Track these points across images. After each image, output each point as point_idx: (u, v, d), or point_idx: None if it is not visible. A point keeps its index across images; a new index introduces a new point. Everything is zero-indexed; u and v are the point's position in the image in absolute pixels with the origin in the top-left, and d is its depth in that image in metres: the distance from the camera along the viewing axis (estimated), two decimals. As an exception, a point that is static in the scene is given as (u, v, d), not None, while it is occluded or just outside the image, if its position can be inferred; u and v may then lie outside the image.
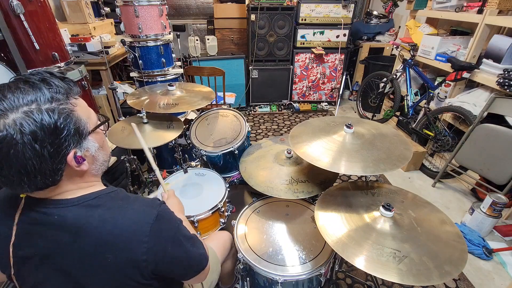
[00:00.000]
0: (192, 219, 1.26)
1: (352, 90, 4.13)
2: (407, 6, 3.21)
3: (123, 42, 2.16)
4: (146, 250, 0.63)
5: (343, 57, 3.56)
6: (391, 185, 1.17)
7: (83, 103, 0.64)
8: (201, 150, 1.57)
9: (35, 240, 0.62)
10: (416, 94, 2.85)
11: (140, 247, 0.63)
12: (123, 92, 2.71)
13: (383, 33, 3.77)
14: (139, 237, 0.63)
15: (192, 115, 2.53)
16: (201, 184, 1.48)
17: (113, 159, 1.91)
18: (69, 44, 2.29)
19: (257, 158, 1.45)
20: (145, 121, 1.58)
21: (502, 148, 1.85)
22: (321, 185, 1.23)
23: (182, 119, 2.28)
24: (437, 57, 2.55)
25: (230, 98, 3.10)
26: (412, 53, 2.74)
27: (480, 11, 2.19)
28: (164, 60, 2.34)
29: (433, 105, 2.63)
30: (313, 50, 3.44)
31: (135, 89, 2.36)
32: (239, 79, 3.55)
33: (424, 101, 2.58)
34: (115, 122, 1.77)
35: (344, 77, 3.61)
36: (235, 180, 1.72)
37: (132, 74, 2.41)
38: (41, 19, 1.65)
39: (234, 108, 1.93)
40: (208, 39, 3.32)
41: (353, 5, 3.28)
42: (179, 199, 1.05)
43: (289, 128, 3.36)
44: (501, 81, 1.94)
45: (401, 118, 2.90)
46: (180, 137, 1.65)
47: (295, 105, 3.79)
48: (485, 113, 1.98)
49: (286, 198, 1.18)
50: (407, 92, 2.78)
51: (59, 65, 1.79)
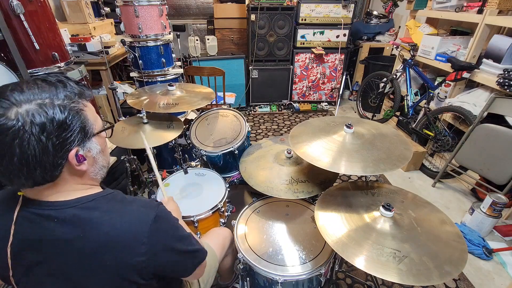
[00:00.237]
0: (192, 219, 1.26)
1: (352, 90, 4.13)
2: (407, 6, 3.21)
3: (123, 42, 2.16)
4: (145, 251, 0.63)
5: (343, 57, 3.55)
6: (391, 185, 1.17)
7: (92, 108, 0.67)
8: (201, 150, 1.57)
9: (33, 242, 0.62)
10: (416, 94, 2.84)
11: (139, 248, 0.63)
12: (123, 92, 2.71)
13: (383, 33, 3.77)
14: (138, 238, 0.63)
15: (192, 115, 2.53)
16: (201, 184, 1.48)
17: (113, 159, 1.90)
18: (69, 44, 2.29)
19: (257, 158, 1.45)
20: (145, 121, 1.58)
21: (502, 148, 1.85)
22: (321, 185, 1.23)
23: (182, 119, 2.28)
24: (437, 57, 2.55)
25: (230, 98, 3.10)
26: (412, 53, 2.74)
27: (480, 11, 2.19)
28: (164, 60, 2.34)
29: (433, 105, 2.63)
30: (313, 50, 3.44)
31: (135, 89, 2.36)
32: (239, 79, 3.55)
33: (424, 101, 2.58)
34: (115, 122, 1.77)
35: (344, 77, 3.61)
36: (235, 180, 1.72)
37: (132, 74, 2.41)
38: (41, 19, 1.65)
39: (234, 108, 1.93)
40: (208, 39, 3.32)
41: (353, 5, 3.28)
42: (177, 205, 1.07)
43: (289, 128, 3.36)
44: (501, 81, 1.94)
45: (401, 118, 2.90)
46: (180, 137, 1.65)
47: (295, 105, 3.79)
48: (485, 113, 1.98)
49: (286, 198, 1.18)
50: (407, 92, 2.78)
51: (59, 65, 1.78)
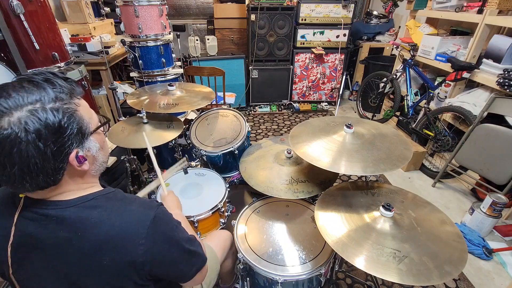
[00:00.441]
0: (192, 219, 1.26)
1: (352, 90, 4.13)
2: (407, 6, 3.21)
3: (123, 42, 2.16)
4: (143, 252, 0.63)
5: (343, 57, 3.55)
6: (391, 185, 1.17)
7: (85, 103, 0.65)
8: (201, 150, 1.57)
9: (33, 241, 0.62)
10: (416, 94, 2.84)
11: (137, 248, 0.63)
12: (123, 92, 2.71)
13: (383, 33, 3.77)
14: (136, 238, 0.63)
15: (192, 115, 2.53)
16: (201, 184, 1.48)
17: (113, 159, 1.90)
18: (69, 44, 2.29)
19: (257, 158, 1.45)
20: (145, 121, 1.58)
21: (502, 148, 1.85)
22: (321, 185, 1.23)
23: (182, 119, 2.28)
24: (437, 57, 2.55)
25: (230, 98, 3.10)
26: (412, 53, 2.74)
27: (480, 11, 2.19)
28: (164, 60, 2.34)
29: (433, 105, 2.63)
30: (313, 50, 3.44)
31: (135, 89, 2.36)
32: (239, 79, 3.55)
33: (424, 101, 2.58)
34: (115, 122, 1.77)
35: (344, 77, 3.61)
36: (235, 180, 1.72)
37: (132, 74, 2.41)
38: (41, 19, 1.65)
39: (234, 108, 1.93)
40: (208, 39, 3.32)
41: (353, 5, 3.28)
42: (177, 198, 1.07)
43: (289, 128, 3.36)
44: (501, 81, 1.94)
45: (401, 118, 2.90)
46: (180, 137, 1.65)
47: (295, 105, 3.79)
48: (485, 113, 1.98)
49: (286, 198, 1.18)
50: (407, 92, 2.78)
51: (59, 65, 1.79)
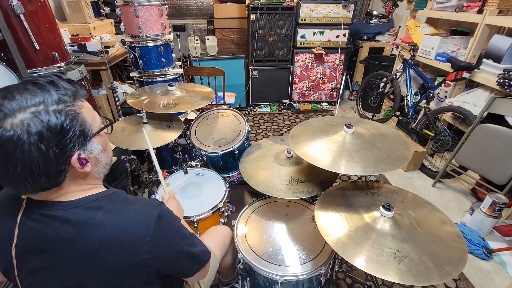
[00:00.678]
0: (192, 219, 1.26)
1: (352, 90, 4.13)
2: (407, 6, 3.21)
3: (123, 42, 2.16)
4: (148, 250, 0.63)
5: (343, 57, 3.55)
6: (391, 185, 1.17)
7: (89, 106, 0.65)
8: (201, 150, 1.57)
9: (37, 242, 0.62)
10: (416, 94, 2.84)
11: (142, 247, 0.63)
12: (123, 92, 2.71)
13: (383, 33, 3.77)
14: (141, 238, 0.63)
15: (192, 115, 2.53)
16: (201, 184, 1.48)
17: (113, 159, 1.91)
18: (69, 44, 2.28)
19: (257, 158, 1.45)
20: (145, 121, 1.58)
21: (502, 148, 1.85)
22: (321, 185, 1.23)
23: (182, 119, 2.28)
24: (437, 57, 2.55)
25: (230, 98, 3.10)
26: (412, 53, 2.74)
27: (480, 11, 2.19)
28: (164, 60, 2.34)
29: (433, 105, 2.63)
30: (313, 50, 3.44)
31: (135, 89, 2.36)
32: (239, 79, 3.55)
33: (424, 101, 2.58)
34: (115, 122, 1.77)
35: (344, 77, 3.61)
36: (235, 180, 1.72)
37: (132, 74, 2.40)
38: (41, 19, 1.65)
39: (234, 108, 1.93)
40: (208, 39, 3.32)
41: (353, 5, 3.28)
42: (178, 202, 1.07)
43: (289, 128, 3.36)
44: (501, 81, 1.94)
45: (401, 118, 2.90)
46: (180, 137, 1.65)
47: (295, 105, 3.78)
48: (485, 113, 1.98)
49: (286, 198, 1.18)
50: (407, 92, 2.78)
51: (59, 65, 1.78)
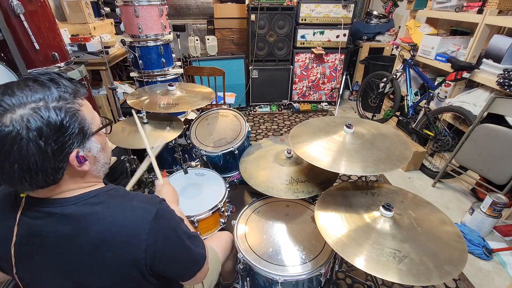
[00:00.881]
0: (192, 219, 1.26)
1: (352, 90, 4.13)
2: (407, 6, 3.21)
3: (123, 42, 2.16)
4: (145, 248, 0.63)
5: (343, 57, 3.55)
6: (391, 185, 1.17)
7: (88, 104, 0.65)
8: (201, 150, 1.57)
9: (36, 240, 0.62)
10: (416, 94, 2.84)
11: (139, 244, 0.63)
12: (123, 92, 2.71)
13: (383, 33, 3.77)
14: (138, 234, 0.63)
15: (192, 115, 2.53)
16: (201, 184, 1.48)
17: (113, 159, 1.91)
18: (69, 44, 2.29)
19: (257, 158, 1.45)
20: (145, 121, 1.58)
21: (502, 148, 1.85)
22: (321, 185, 1.23)
23: (182, 119, 2.28)
24: (437, 57, 2.55)
25: (230, 98, 3.10)
26: (412, 53, 2.74)
27: (480, 11, 2.19)
28: (164, 60, 2.34)
29: (433, 105, 2.63)
30: (313, 50, 3.44)
31: (135, 89, 2.36)
32: (239, 79, 3.55)
33: (424, 101, 2.58)
34: (115, 122, 1.77)
35: (344, 77, 3.61)
36: (235, 180, 1.72)
37: (132, 74, 2.41)
38: (41, 19, 1.65)
39: (234, 108, 1.93)
40: (208, 39, 3.32)
41: (353, 5, 3.28)
42: (173, 188, 1.05)
43: (289, 128, 3.36)
44: (501, 81, 1.94)
45: (401, 118, 2.90)
46: (180, 137, 1.65)
47: (295, 105, 3.78)
48: (485, 113, 1.98)
49: (286, 198, 1.18)
50: (407, 92, 2.78)
51: (59, 65, 1.78)
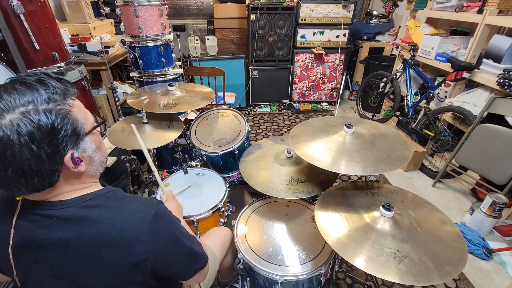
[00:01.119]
0: (192, 219, 1.26)
1: (352, 90, 4.13)
2: (407, 6, 3.21)
3: (123, 42, 2.16)
4: (145, 250, 0.63)
5: (343, 57, 3.55)
6: (391, 185, 1.17)
7: (80, 104, 0.64)
8: (201, 150, 1.57)
9: (34, 242, 0.62)
10: (416, 94, 2.84)
11: (138, 246, 0.63)
12: (123, 92, 2.71)
13: (383, 33, 3.77)
14: (137, 237, 0.63)
15: (192, 115, 2.53)
16: (201, 184, 1.48)
17: (113, 159, 1.90)
18: (69, 44, 2.29)
19: (257, 158, 1.45)
20: (145, 121, 1.58)
21: (502, 148, 1.85)
22: (321, 185, 1.23)
23: (182, 119, 2.28)
24: (437, 57, 2.55)
25: (230, 98, 3.10)
26: (412, 53, 2.74)
27: (480, 11, 2.19)
28: (164, 60, 2.34)
29: (433, 105, 2.63)
30: (313, 50, 3.44)
31: (135, 89, 2.36)
32: (239, 79, 3.55)
33: (424, 101, 2.58)
34: (115, 122, 1.77)
35: (344, 77, 3.61)
36: (235, 180, 1.72)
37: (132, 74, 2.40)
38: (41, 19, 1.65)
39: (234, 108, 1.93)
40: (208, 39, 3.32)
41: (353, 5, 3.28)
42: (177, 202, 1.06)
43: (289, 128, 3.36)
44: (501, 81, 1.94)
45: (401, 118, 2.90)
46: (180, 137, 1.65)
47: (295, 105, 3.78)
48: (485, 113, 1.98)
49: (286, 198, 1.18)
50: (407, 92, 2.78)
51: (59, 65, 1.78)
